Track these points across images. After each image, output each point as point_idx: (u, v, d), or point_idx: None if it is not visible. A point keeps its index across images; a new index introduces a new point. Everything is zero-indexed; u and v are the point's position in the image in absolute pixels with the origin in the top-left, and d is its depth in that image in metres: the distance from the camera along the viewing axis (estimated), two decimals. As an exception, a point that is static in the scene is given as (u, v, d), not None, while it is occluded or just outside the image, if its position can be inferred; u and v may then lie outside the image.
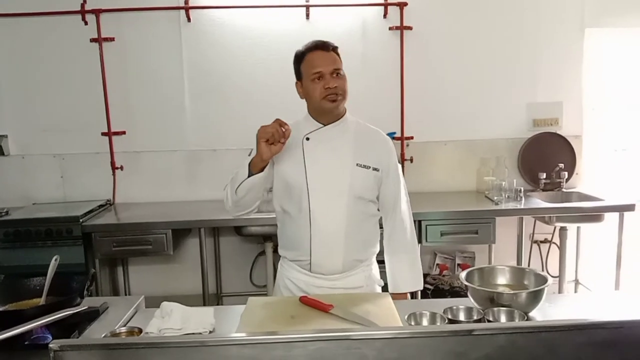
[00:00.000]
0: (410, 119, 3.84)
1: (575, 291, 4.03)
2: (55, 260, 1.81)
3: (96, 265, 3.32)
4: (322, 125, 1.99)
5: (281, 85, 3.76)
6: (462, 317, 1.60)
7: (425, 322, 1.56)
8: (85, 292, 1.68)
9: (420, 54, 3.78)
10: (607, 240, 3.68)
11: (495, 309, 1.59)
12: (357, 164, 1.96)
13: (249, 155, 1.90)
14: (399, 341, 1.23)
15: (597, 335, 1.23)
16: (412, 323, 1.53)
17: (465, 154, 3.91)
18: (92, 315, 1.71)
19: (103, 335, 1.51)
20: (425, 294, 3.69)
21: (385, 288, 2.09)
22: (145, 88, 3.77)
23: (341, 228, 1.94)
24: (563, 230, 3.70)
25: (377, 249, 2.09)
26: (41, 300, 1.71)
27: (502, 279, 1.82)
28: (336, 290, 1.94)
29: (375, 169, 1.99)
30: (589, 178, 3.95)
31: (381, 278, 2.12)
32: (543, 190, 3.79)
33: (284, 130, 1.80)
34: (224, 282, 3.98)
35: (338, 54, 1.98)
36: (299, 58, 1.98)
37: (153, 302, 3.87)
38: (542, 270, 4.00)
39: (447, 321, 1.54)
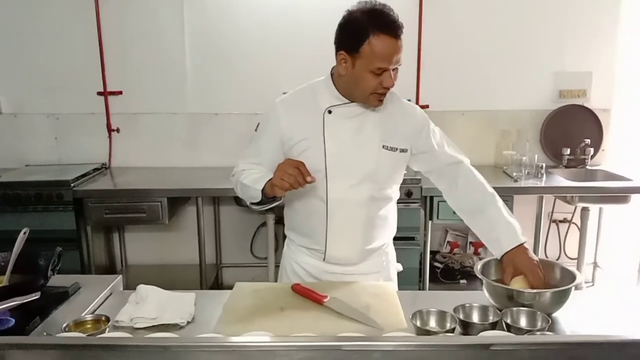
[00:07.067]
0: (427, 86, 3.58)
1: (593, 274, 3.83)
2: (24, 233, 1.61)
3: (88, 232, 3.17)
4: (348, 101, 1.69)
5: (289, 48, 3.54)
6: (475, 318, 1.39)
7: (432, 322, 1.35)
8: (49, 272, 1.49)
9: (440, 18, 3.49)
10: (631, 223, 3.44)
11: (515, 309, 1.38)
12: (383, 146, 1.69)
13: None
14: (400, 354, 1.03)
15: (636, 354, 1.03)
16: (418, 324, 1.33)
17: (484, 125, 3.64)
18: (61, 297, 1.55)
19: (65, 324, 1.32)
20: (433, 272, 3.51)
21: (400, 274, 1.92)
22: (144, 47, 3.54)
23: (361, 218, 1.72)
24: (585, 210, 3.46)
25: (395, 230, 1.87)
26: (4, 280, 1.54)
27: (522, 272, 1.60)
28: (350, 277, 1.73)
29: (402, 150, 1.72)
30: (617, 155, 3.66)
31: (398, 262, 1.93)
32: (566, 167, 3.54)
33: (307, 180, 1.51)
34: (224, 253, 3.83)
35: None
36: (361, 33, 1.53)
37: (151, 272, 3.69)
38: (560, 251, 3.79)
39: (458, 322, 1.33)
